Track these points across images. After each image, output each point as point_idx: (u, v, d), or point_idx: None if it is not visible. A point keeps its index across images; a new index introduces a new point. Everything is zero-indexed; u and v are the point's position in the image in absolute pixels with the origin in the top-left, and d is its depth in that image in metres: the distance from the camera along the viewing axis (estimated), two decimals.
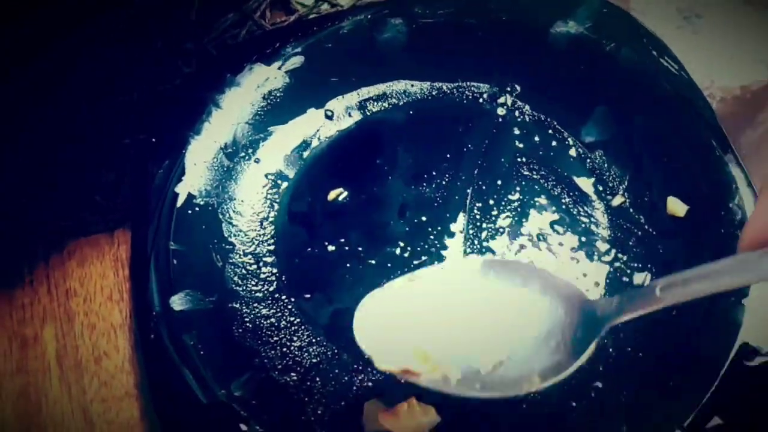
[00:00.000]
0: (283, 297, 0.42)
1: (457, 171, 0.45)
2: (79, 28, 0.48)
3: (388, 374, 0.34)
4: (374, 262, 0.43)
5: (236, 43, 0.51)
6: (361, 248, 0.43)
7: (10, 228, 0.46)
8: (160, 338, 0.39)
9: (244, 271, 0.43)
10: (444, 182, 0.45)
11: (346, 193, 0.45)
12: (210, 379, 0.38)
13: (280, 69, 0.47)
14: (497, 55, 0.48)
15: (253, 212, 0.45)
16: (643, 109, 0.46)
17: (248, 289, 0.42)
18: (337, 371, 0.40)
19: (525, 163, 0.46)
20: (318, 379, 0.39)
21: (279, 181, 0.46)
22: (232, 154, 0.46)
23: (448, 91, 0.48)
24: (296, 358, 0.40)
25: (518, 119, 0.47)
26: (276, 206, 0.45)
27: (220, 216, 0.44)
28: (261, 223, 0.45)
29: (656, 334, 0.39)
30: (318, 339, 0.41)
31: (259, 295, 0.42)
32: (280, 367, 0.40)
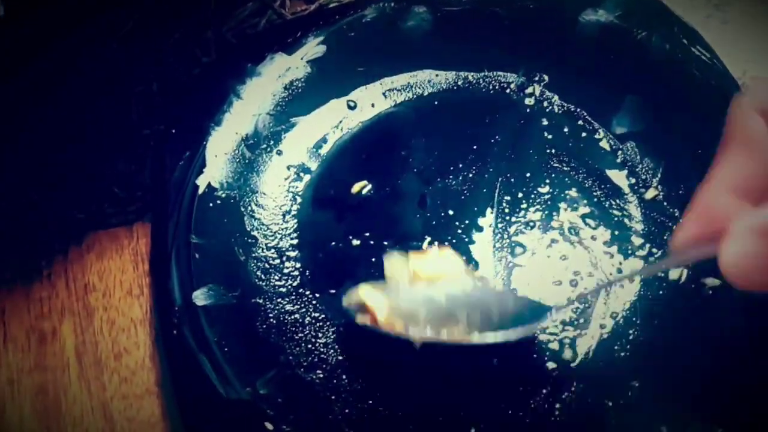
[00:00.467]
0: (307, 292, 0.41)
1: (484, 163, 0.44)
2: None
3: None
4: None
5: (256, 33, 0.50)
6: (386, 242, 0.42)
7: (28, 221, 0.45)
8: (182, 334, 0.38)
9: (267, 265, 0.42)
10: (471, 175, 0.44)
11: (369, 186, 0.44)
12: (234, 377, 0.37)
13: (302, 59, 0.46)
14: (524, 44, 0.47)
15: (275, 205, 0.44)
16: (676, 99, 0.44)
17: (271, 284, 0.41)
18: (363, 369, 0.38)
19: (554, 155, 0.44)
20: (344, 377, 0.38)
21: (301, 174, 0.45)
22: (254, 146, 0.45)
23: (474, 81, 0.47)
24: (322, 356, 0.39)
25: (546, 110, 0.46)
26: (299, 199, 0.44)
27: (242, 209, 0.43)
28: (284, 216, 0.43)
29: (695, 333, 0.38)
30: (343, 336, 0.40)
31: (283, 290, 0.41)
32: (305, 364, 0.39)
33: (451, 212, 0.43)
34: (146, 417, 0.39)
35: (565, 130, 0.45)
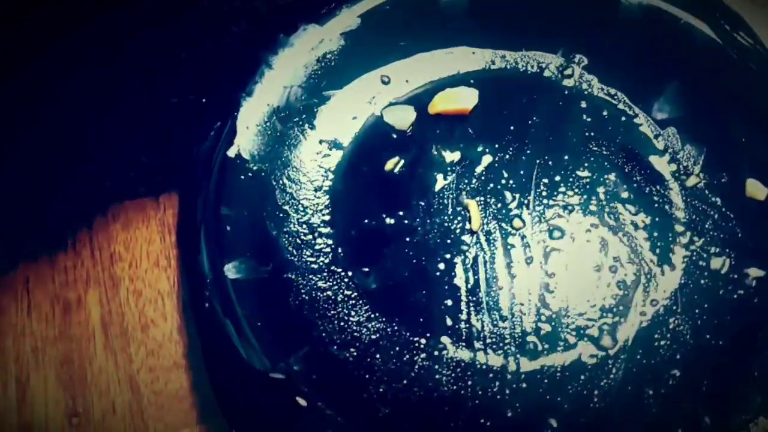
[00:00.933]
0: (339, 270, 0.40)
1: (522, 144, 0.43)
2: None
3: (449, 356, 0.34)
4: (435, 237, 0.41)
5: (288, 3, 0.48)
6: (419, 221, 0.41)
7: (52, 188, 0.44)
8: (213, 308, 0.37)
9: (298, 240, 0.41)
10: (508, 156, 0.43)
11: (402, 162, 0.43)
12: (267, 352, 0.36)
13: (336, 31, 0.45)
14: (564, 24, 0.45)
15: (307, 180, 0.43)
16: (718, 86, 0.43)
17: (303, 259, 0.40)
18: (397, 348, 0.38)
19: (593, 138, 0.43)
20: (378, 356, 0.38)
21: (334, 149, 0.44)
22: (286, 119, 0.44)
23: (512, 60, 0.46)
24: (355, 334, 0.38)
25: (585, 92, 0.45)
26: (331, 175, 0.43)
27: (273, 183, 0.42)
28: (315, 191, 0.43)
29: (737, 324, 0.37)
30: (376, 315, 0.39)
31: (315, 266, 0.40)
32: (338, 341, 0.38)
33: (488, 194, 0.42)
34: (174, 390, 0.39)
35: (605, 113, 0.44)
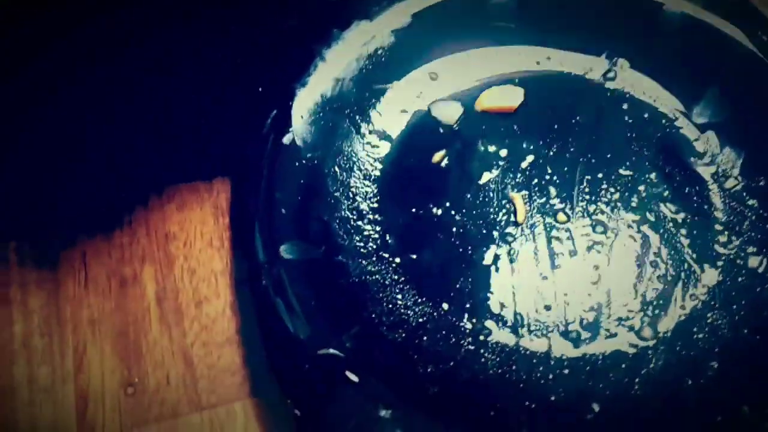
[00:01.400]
0: (387, 255, 0.42)
1: (565, 143, 0.45)
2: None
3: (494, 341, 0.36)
4: (481, 228, 0.42)
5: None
6: (465, 212, 0.43)
7: (108, 170, 0.46)
8: (267, 287, 0.39)
9: (348, 226, 0.42)
10: (552, 153, 0.45)
11: (449, 156, 0.45)
12: (320, 330, 0.37)
13: (387, 28, 0.46)
14: (610, 28, 0.47)
15: (357, 168, 0.44)
16: (757, 92, 0.45)
17: (353, 244, 0.42)
18: (444, 332, 0.39)
19: (634, 139, 0.45)
20: (426, 338, 0.39)
21: (383, 140, 0.45)
22: (338, 110, 0.45)
23: (557, 62, 0.47)
24: (403, 316, 0.40)
25: (627, 95, 0.46)
26: (379, 165, 0.45)
27: (325, 170, 0.44)
28: (365, 180, 0.44)
29: None
30: (423, 299, 0.40)
31: (364, 251, 0.42)
32: (387, 323, 0.39)
33: (533, 189, 0.44)
34: (226, 365, 0.40)
35: (646, 115, 0.46)
